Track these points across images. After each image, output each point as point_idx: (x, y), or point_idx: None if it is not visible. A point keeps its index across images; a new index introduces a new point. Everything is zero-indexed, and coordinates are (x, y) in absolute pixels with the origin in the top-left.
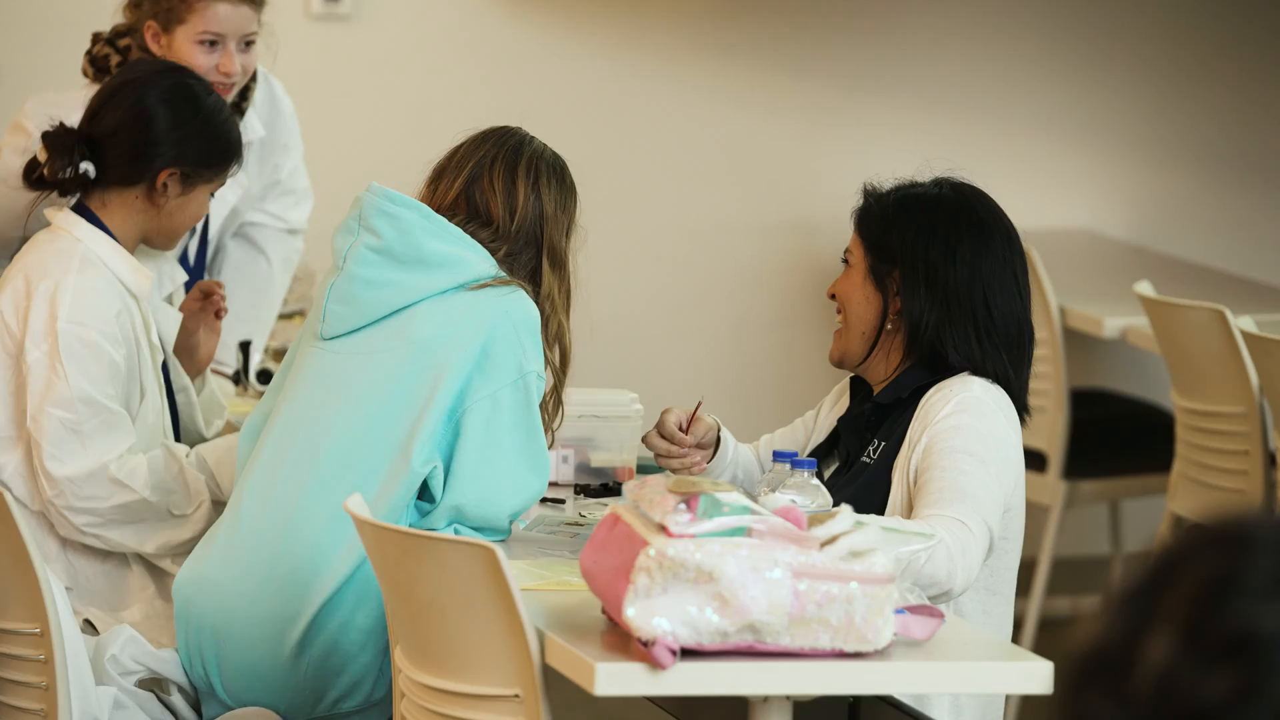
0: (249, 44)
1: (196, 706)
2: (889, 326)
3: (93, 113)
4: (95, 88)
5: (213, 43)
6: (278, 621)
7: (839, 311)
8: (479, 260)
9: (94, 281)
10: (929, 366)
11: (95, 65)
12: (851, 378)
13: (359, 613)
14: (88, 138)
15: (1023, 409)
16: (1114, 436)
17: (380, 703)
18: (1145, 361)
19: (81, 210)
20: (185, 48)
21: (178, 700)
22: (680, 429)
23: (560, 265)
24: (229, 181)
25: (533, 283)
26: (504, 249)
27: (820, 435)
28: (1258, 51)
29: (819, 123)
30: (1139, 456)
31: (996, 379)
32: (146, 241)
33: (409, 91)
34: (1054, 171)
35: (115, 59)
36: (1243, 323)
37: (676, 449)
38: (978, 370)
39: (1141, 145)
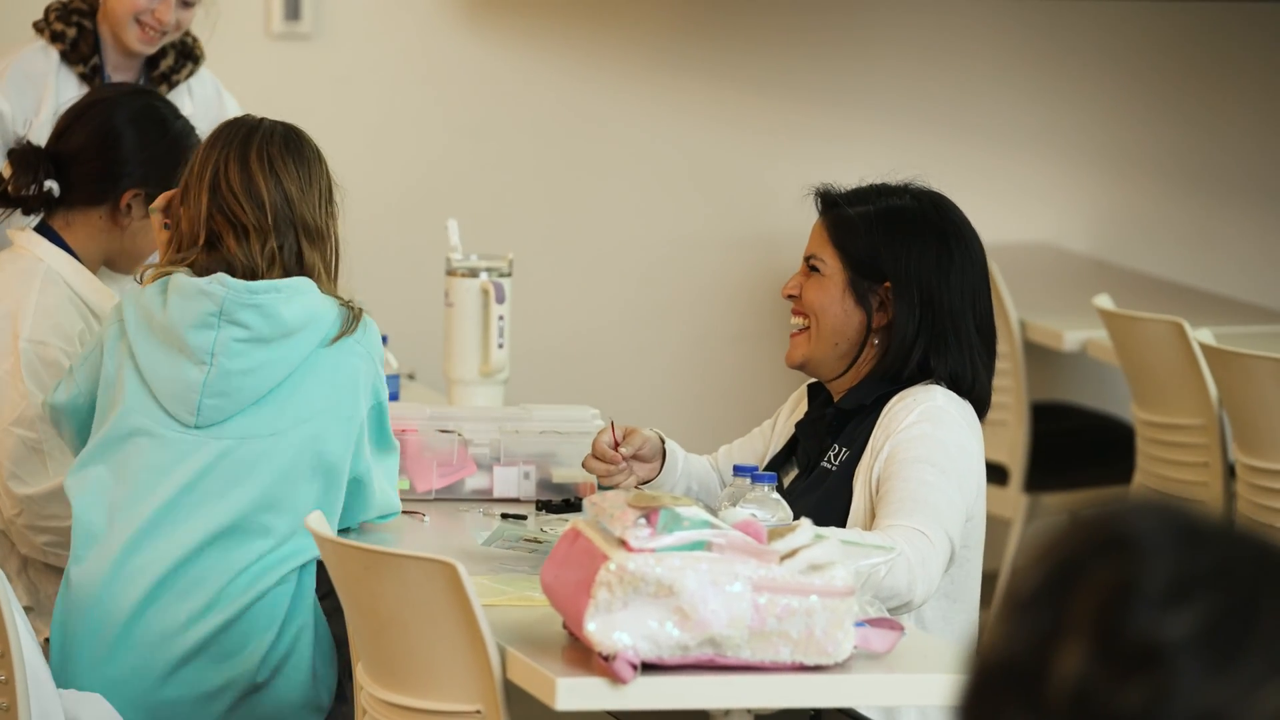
0: (188, 3)
1: None
2: (874, 341)
3: (59, 131)
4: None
5: None
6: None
7: (800, 314)
8: (323, 303)
9: (56, 301)
10: (893, 375)
11: (38, 25)
12: (809, 383)
13: (287, 675)
14: (54, 156)
15: (986, 401)
16: (1075, 449)
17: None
18: (1105, 374)
19: (44, 230)
20: None
21: None
22: (612, 447)
23: (319, 238)
24: None
25: (298, 264)
26: (269, 244)
27: (779, 442)
28: (1218, 66)
29: (780, 138)
30: (1100, 469)
31: (974, 382)
32: (109, 264)
33: (370, 110)
34: (1015, 185)
35: (55, 11)
36: (1201, 335)
37: (613, 467)
38: (956, 379)
39: (1102, 159)
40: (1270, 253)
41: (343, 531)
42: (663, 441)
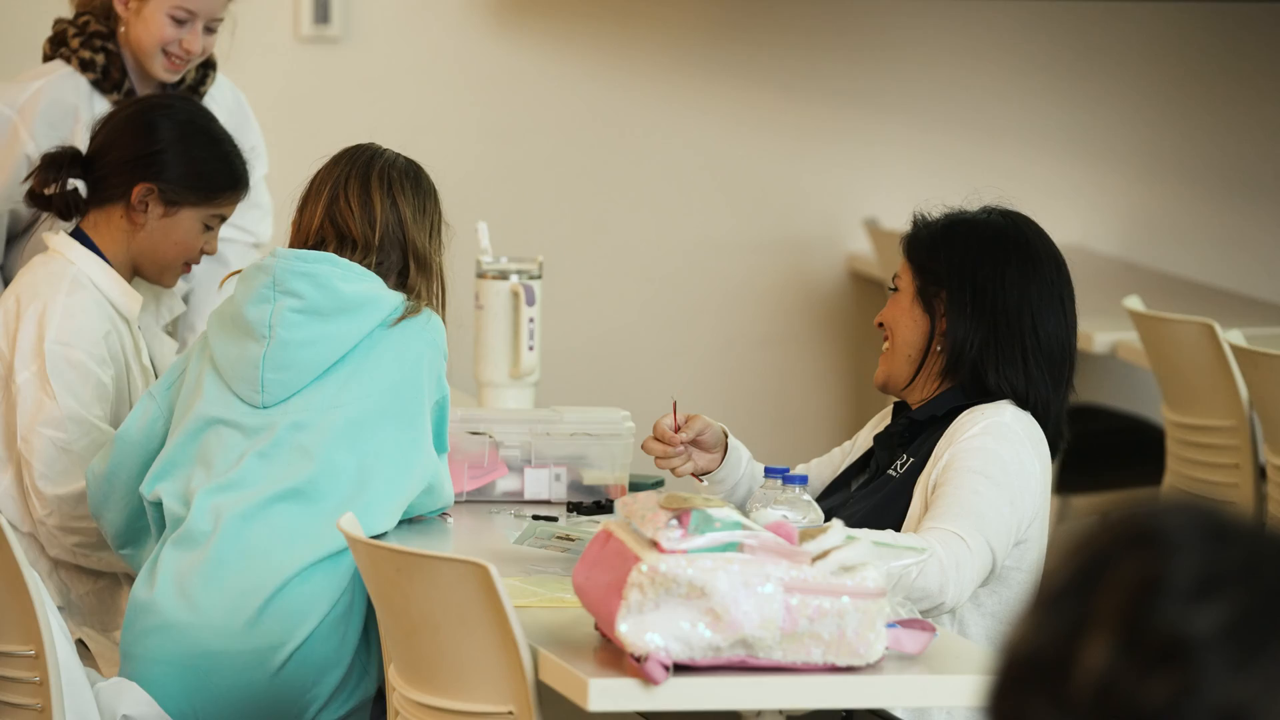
0: (211, 29)
1: None
2: (936, 348)
3: (93, 133)
4: (44, 66)
5: (183, 20)
6: (262, 652)
7: (886, 338)
8: (386, 291)
9: (82, 303)
10: (969, 391)
11: (53, 43)
12: (895, 402)
13: (338, 630)
14: (83, 158)
15: (1058, 435)
16: (1105, 451)
17: (366, 704)
18: (1135, 376)
19: (78, 234)
20: (156, 17)
21: None
22: (673, 430)
23: (426, 267)
24: None
25: (401, 286)
26: (373, 260)
27: (857, 454)
28: (1247, 67)
29: (808, 141)
30: (1130, 471)
31: (1037, 405)
32: (139, 270)
33: (399, 113)
34: (1044, 187)
35: (72, 32)
36: (1232, 336)
37: (672, 449)
38: (1018, 395)
39: (1131, 161)
40: None
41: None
42: (726, 435)
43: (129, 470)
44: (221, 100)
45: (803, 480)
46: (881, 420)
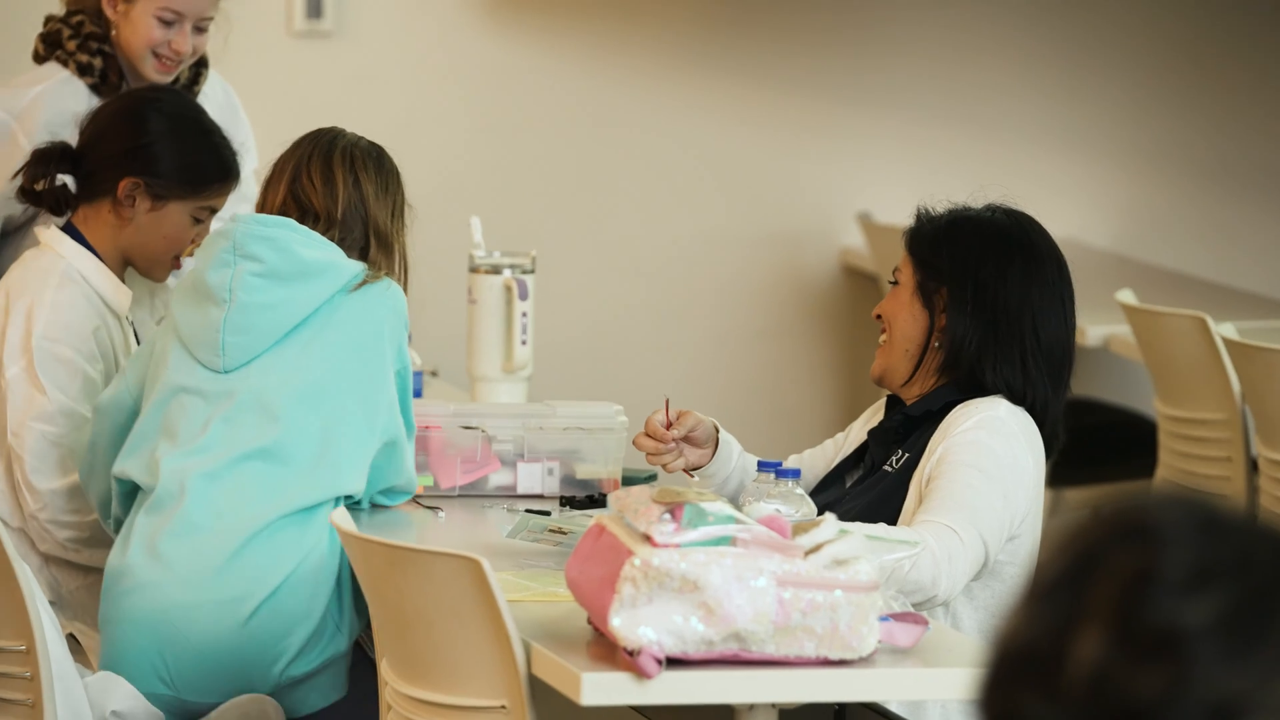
0: (201, 29)
1: None
2: (935, 344)
3: (82, 128)
4: (40, 69)
5: (170, 21)
6: (230, 603)
7: (883, 330)
8: (347, 259)
9: (71, 298)
10: (965, 387)
11: (46, 42)
12: (888, 396)
13: (307, 585)
14: (73, 153)
15: (1053, 437)
16: (1098, 445)
17: (338, 660)
18: (1128, 370)
19: (69, 229)
20: (143, 19)
21: None
22: (665, 426)
23: (387, 245)
24: None
25: (362, 261)
26: (336, 235)
27: (850, 449)
28: (1241, 61)
29: (802, 135)
30: (1123, 464)
31: (1034, 405)
32: (131, 264)
33: (392, 107)
34: (1037, 181)
35: (67, 33)
36: (1224, 330)
37: (663, 445)
38: (1014, 394)
39: (1124, 155)
40: None
41: (354, 507)
42: (717, 430)
43: (104, 440)
44: (212, 96)
45: (796, 474)
46: (874, 414)
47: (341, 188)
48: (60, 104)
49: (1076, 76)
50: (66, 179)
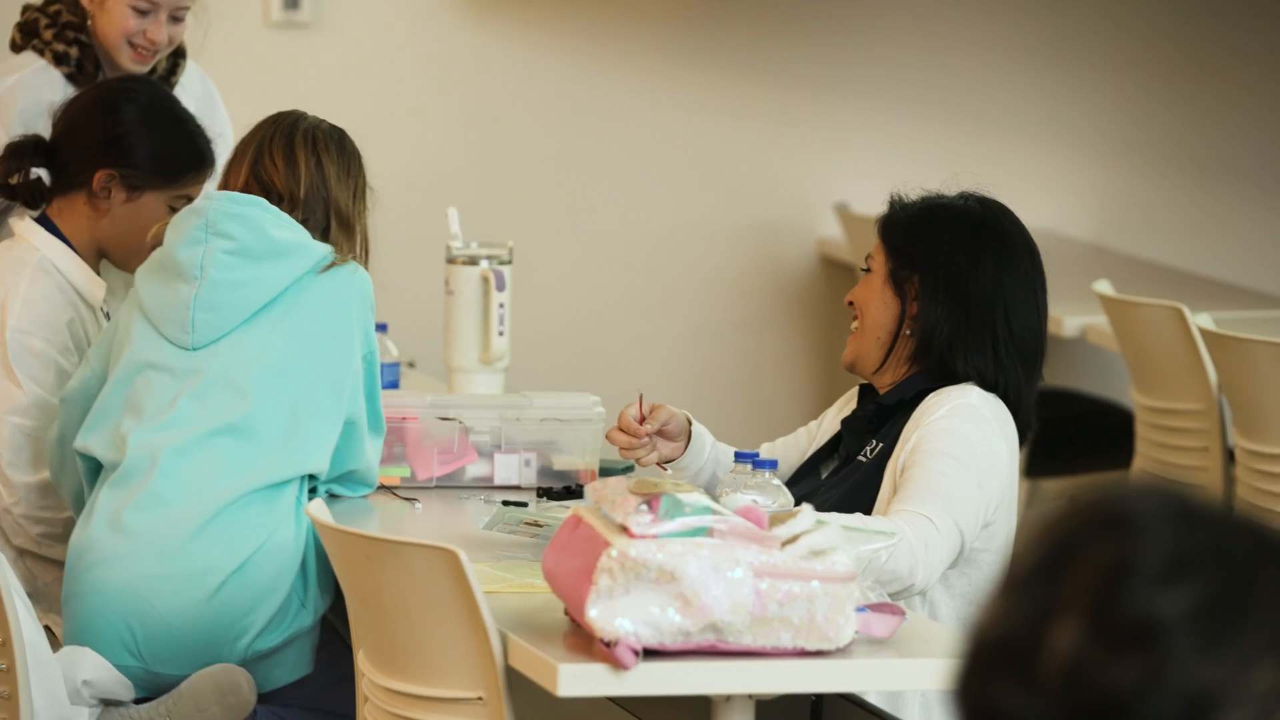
0: (177, 19)
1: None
2: (906, 332)
3: (55, 119)
4: (16, 58)
5: (145, 11)
6: (198, 575)
7: (855, 317)
8: (314, 241)
9: (45, 291)
10: (937, 375)
11: (23, 31)
12: (861, 384)
13: (273, 560)
14: (46, 146)
15: (1025, 426)
16: (1075, 435)
17: (303, 635)
18: (1105, 360)
19: (44, 221)
20: (118, 9)
21: (135, 711)
22: (638, 421)
23: (349, 227)
24: None
25: (324, 240)
26: (299, 215)
27: (824, 438)
28: (1218, 51)
29: (780, 126)
30: (1100, 454)
31: (1006, 393)
32: (106, 256)
33: (370, 98)
34: (1015, 171)
35: (44, 22)
36: (1201, 320)
37: (636, 440)
38: (986, 382)
39: (1102, 145)
40: (1270, 238)
41: (312, 492)
42: (690, 423)
43: (73, 431)
44: (190, 87)
45: (772, 465)
46: (848, 402)
47: (304, 169)
48: (36, 93)
49: (1055, 68)
50: (41, 172)
